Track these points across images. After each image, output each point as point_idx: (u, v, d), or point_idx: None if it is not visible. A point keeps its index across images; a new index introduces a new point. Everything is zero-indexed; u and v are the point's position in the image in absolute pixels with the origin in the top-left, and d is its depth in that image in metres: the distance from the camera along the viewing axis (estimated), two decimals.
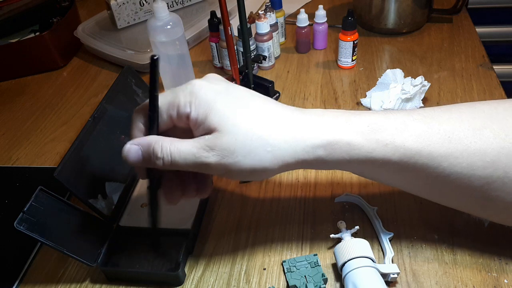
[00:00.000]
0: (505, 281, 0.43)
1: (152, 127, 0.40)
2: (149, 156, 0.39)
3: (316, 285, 0.43)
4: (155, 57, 0.38)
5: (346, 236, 0.46)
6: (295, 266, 0.45)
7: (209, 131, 0.38)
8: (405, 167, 0.39)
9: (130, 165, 0.40)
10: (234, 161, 0.38)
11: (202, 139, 0.38)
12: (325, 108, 0.68)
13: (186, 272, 0.47)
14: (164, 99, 0.40)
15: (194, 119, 0.38)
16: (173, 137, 0.39)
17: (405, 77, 0.66)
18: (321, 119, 0.40)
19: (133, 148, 0.39)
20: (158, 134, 0.40)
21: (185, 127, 0.40)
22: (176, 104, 0.39)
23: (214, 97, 0.38)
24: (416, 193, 0.44)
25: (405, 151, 0.39)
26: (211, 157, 0.38)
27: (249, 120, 0.38)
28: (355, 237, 0.47)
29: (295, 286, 0.44)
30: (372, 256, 0.43)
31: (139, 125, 0.41)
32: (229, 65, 0.74)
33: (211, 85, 0.40)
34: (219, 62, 0.80)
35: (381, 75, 0.66)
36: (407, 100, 0.63)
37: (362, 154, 0.39)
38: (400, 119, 0.40)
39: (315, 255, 0.46)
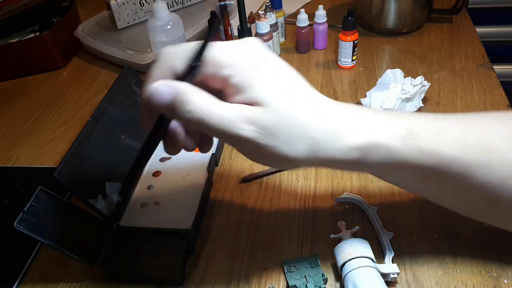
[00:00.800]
0: (505, 281, 0.43)
1: (190, 75, 0.34)
2: (176, 104, 0.33)
3: (316, 285, 0.43)
4: (224, 3, 0.34)
5: (346, 236, 0.46)
6: (295, 266, 0.45)
7: (250, 102, 0.34)
8: (436, 175, 0.38)
9: (150, 105, 0.34)
10: (271, 144, 0.34)
11: (244, 108, 0.33)
12: None
13: (186, 272, 0.47)
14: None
15: (234, 84, 0.34)
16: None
17: (405, 77, 0.66)
18: (360, 117, 0.37)
19: (164, 89, 0.33)
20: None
21: (214, 88, 0.35)
22: (218, 60, 0.34)
23: (263, 66, 0.35)
24: (439, 201, 0.42)
25: (440, 158, 0.37)
26: (249, 132, 0.33)
27: (294, 104, 0.35)
28: (355, 237, 0.47)
29: (295, 286, 0.44)
30: (372, 256, 0.43)
31: (173, 65, 0.35)
32: None
33: (258, 50, 0.35)
34: None
35: (381, 75, 0.66)
36: (407, 100, 0.63)
37: (398, 159, 0.37)
38: (437, 124, 0.38)
39: (315, 255, 0.46)
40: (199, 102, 0.33)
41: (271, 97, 0.34)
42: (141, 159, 0.40)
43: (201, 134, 0.40)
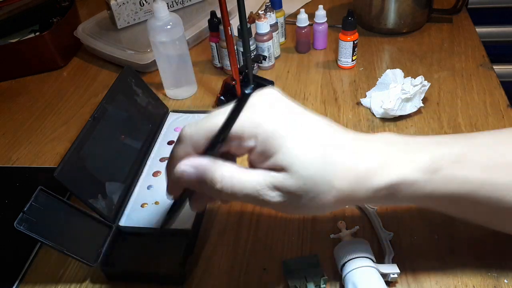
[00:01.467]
0: (505, 281, 0.43)
1: (212, 150, 0.35)
2: (205, 182, 0.35)
3: (316, 285, 0.43)
4: (247, 92, 0.31)
5: (346, 236, 0.46)
6: (295, 266, 0.45)
7: (275, 168, 0.35)
8: (466, 200, 0.38)
9: (179, 185, 0.37)
10: (298, 205, 0.36)
11: (268, 176, 0.35)
12: (325, 108, 0.68)
13: (186, 272, 0.47)
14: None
15: (259, 153, 0.35)
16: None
17: (405, 77, 0.66)
18: (384, 156, 0.37)
19: (190, 171, 0.35)
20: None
21: (238, 155, 0.38)
22: (239, 135, 0.35)
23: (283, 131, 0.35)
24: (474, 221, 0.42)
25: (468, 185, 0.37)
26: (275, 197, 0.35)
27: (318, 161, 0.35)
28: (355, 237, 0.47)
29: (295, 286, 0.44)
30: (372, 256, 0.43)
31: (195, 146, 0.36)
32: (229, 65, 0.74)
33: (276, 112, 0.36)
34: (219, 62, 0.80)
35: (381, 75, 0.66)
36: (407, 100, 0.63)
37: (424, 192, 0.37)
38: (462, 149, 0.38)
39: (315, 255, 0.46)
40: (226, 178, 0.35)
41: (295, 162, 0.34)
42: (170, 215, 0.41)
43: None
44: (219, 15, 0.65)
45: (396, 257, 0.46)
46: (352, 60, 0.76)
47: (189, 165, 0.35)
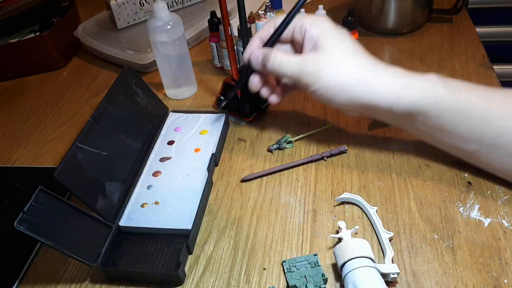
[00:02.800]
0: (505, 281, 0.43)
1: (272, 39, 0.54)
2: (263, 62, 0.53)
3: (316, 285, 0.43)
4: None
5: (346, 236, 0.46)
6: (295, 266, 0.45)
7: (315, 48, 0.50)
8: (462, 118, 0.47)
9: (251, 66, 0.55)
10: (324, 76, 0.49)
11: (306, 54, 0.51)
12: (325, 108, 0.68)
13: (186, 272, 0.47)
14: (296, 16, 0.53)
15: (310, 36, 0.50)
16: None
17: None
18: (402, 70, 0.50)
19: (257, 54, 0.54)
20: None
21: (296, 45, 0.54)
22: (302, 21, 0.52)
23: (331, 29, 0.51)
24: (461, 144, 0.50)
25: (467, 104, 0.47)
26: (307, 67, 0.50)
27: (349, 53, 0.50)
28: (355, 237, 0.47)
29: (295, 286, 0.44)
30: (372, 256, 0.43)
31: (265, 33, 0.54)
32: (229, 65, 0.74)
33: (332, 24, 0.52)
34: (219, 62, 0.80)
35: None
36: None
37: (430, 99, 0.47)
38: (466, 83, 0.49)
39: (315, 255, 0.46)
40: (276, 56, 0.52)
41: (331, 44, 0.49)
42: (243, 78, 0.58)
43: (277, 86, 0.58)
44: (219, 15, 0.65)
45: (396, 257, 0.46)
46: None
47: (258, 51, 0.54)
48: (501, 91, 0.50)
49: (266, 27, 0.55)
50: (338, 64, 0.49)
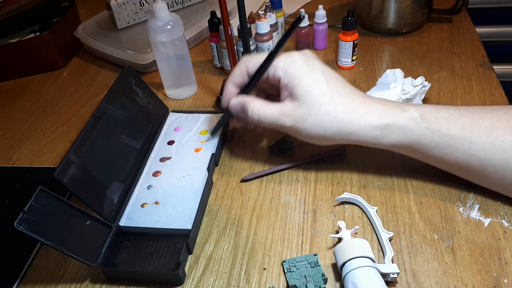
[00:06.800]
0: (505, 281, 0.43)
1: (248, 87, 0.53)
2: (242, 111, 0.53)
3: (316, 285, 0.43)
4: (301, 16, 0.51)
5: (346, 236, 0.46)
6: (295, 266, 0.45)
7: (292, 97, 0.49)
8: (446, 151, 0.47)
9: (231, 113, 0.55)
10: (304, 127, 0.49)
11: (284, 107, 0.50)
12: None
13: (186, 272, 0.47)
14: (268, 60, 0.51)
15: (284, 84, 0.50)
16: (263, 95, 0.56)
17: (405, 77, 0.66)
18: (383, 107, 0.49)
19: (236, 104, 0.53)
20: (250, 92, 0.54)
21: (272, 88, 0.54)
22: (275, 66, 0.51)
23: (305, 73, 0.49)
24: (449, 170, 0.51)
25: (449, 138, 0.47)
26: (287, 122, 0.50)
27: (325, 99, 0.48)
28: (355, 237, 0.47)
29: (295, 286, 0.44)
30: (372, 256, 0.43)
31: (239, 78, 0.54)
32: (229, 65, 0.74)
33: (306, 61, 0.50)
34: (219, 62, 0.80)
35: (381, 75, 0.66)
36: (407, 100, 0.63)
37: (412, 137, 0.48)
38: (448, 113, 0.48)
39: (315, 255, 0.46)
40: (254, 109, 0.51)
41: (306, 95, 0.49)
42: (225, 117, 0.58)
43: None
44: (219, 15, 0.65)
45: (396, 257, 0.46)
46: (352, 60, 0.76)
47: (236, 100, 0.53)
48: (487, 114, 0.48)
49: (237, 71, 0.54)
50: (315, 116, 0.48)
